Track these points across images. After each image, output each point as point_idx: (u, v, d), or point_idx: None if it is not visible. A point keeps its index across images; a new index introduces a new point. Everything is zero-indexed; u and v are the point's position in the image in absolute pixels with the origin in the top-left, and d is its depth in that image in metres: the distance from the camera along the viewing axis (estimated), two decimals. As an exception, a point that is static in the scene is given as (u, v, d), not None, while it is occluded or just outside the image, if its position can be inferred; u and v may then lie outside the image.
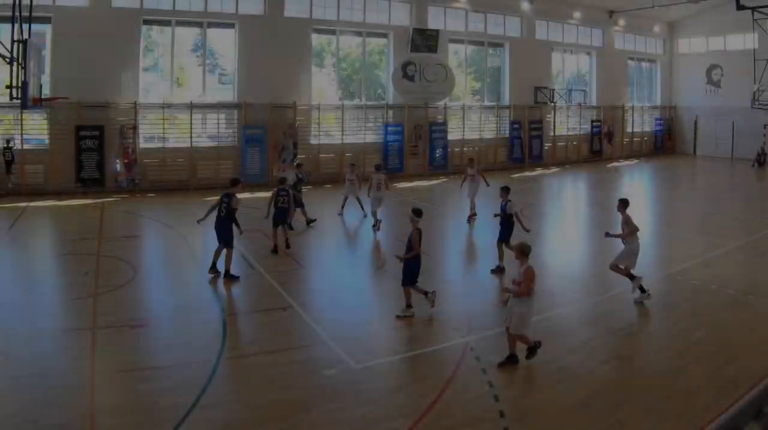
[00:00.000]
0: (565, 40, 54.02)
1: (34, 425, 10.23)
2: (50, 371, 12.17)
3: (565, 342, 14.23)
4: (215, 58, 41.14)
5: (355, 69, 45.56)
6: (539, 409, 11.22)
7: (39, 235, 26.13)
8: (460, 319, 15.70)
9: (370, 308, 17.19)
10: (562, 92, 53.15)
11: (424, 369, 12.96)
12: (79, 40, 34.03)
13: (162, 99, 37.42)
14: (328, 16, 42.11)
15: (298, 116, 40.27)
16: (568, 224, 30.32)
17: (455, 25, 47.55)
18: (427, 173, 44.78)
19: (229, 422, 10.66)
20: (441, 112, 46.51)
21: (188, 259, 21.83)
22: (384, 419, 10.80)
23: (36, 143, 34.90)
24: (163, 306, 16.82)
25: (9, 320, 14.99)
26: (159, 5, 36.80)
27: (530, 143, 51.02)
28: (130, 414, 10.79)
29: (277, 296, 17.32)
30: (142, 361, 13.12)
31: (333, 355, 13.40)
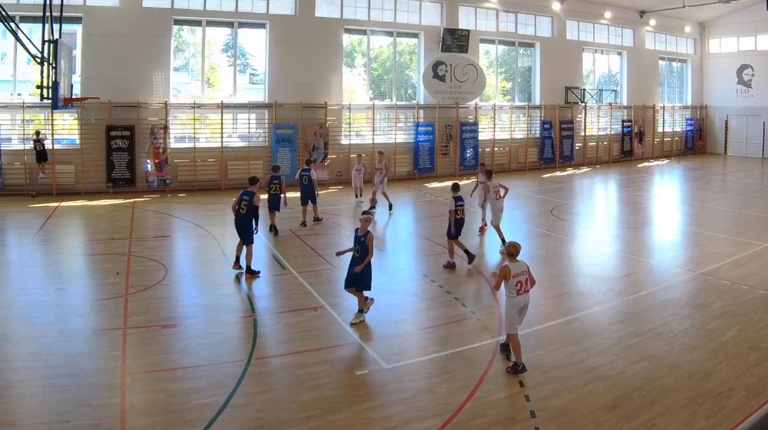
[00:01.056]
0: (596, 40, 52.97)
1: (66, 425, 10.10)
2: (81, 371, 12.02)
3: (596, 342, 13.98)
4: (246, 58, 40.59)
5: (386, 69, 44.57)
6: (570, 409, 10.97)
7: (70, 235, 25.60)
8: (491, 319, 15.38)
9: (400, 308, 16.72)
10: (593, 92, 52.17)
11: (455, 369, 12.62)
12: (110, 40, 33.80)
13: (193, 99, 36.88)
14: (359, 16, 41.46)
15: (328, 116, 39.58)
16: (598, 223, 29.53)
17: (486, 25, 46.66)
18: (457, 173, 43.50)
19: (260, 421, 10.50)
20: (472, 112, 45.58)
21: (219, 259, 21.22)
22: (415, 420, 10.63)
23: (67, 143, 34.52)
24: (194, 306, 16.48)
25: (40, 320, 14.77)
26: (190, 5, 36.36)
27: (561, 143, 50.03)
28: (161, 414, 10.63)
29: (308, 296, 17.03)
30: (173, 361, 12.90)
31: (364, 355, 13.30)
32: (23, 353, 12.95)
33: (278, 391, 11.60)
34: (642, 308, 16.27)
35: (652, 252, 23.23)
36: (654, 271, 20.15)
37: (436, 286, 18.07)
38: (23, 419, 10.39)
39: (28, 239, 23.56)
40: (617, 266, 21.30)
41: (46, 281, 18.39)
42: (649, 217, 30.84)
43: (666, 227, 27.81)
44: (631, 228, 27.30)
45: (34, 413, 10.53)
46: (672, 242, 24.89)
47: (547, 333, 14.54)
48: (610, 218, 31.41)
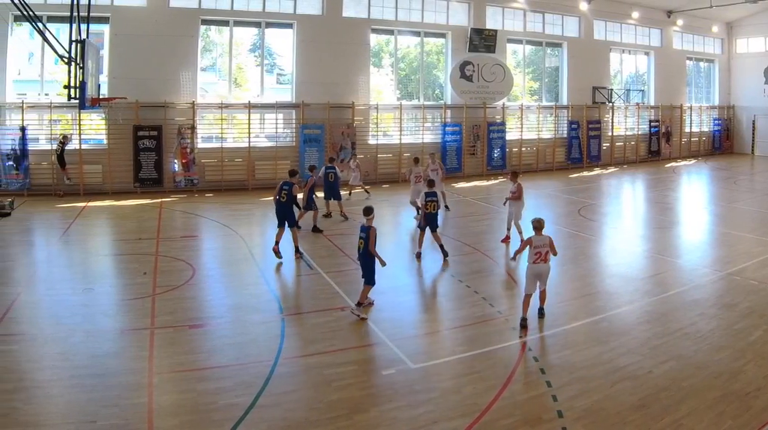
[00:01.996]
0: (624, 40, 51.95)
1: (93, 425, 10.05)
2: (109, 371, 11.95)
3: (623, 342, 13.79)
4: (273, 58, 39.97)
5: (413, 69, 43.73)
6: (597, 409, 10.83)
7: (97, 235, 25.31)
8: (518, 319, 14.93)
9: (428, 308, 16.82)
10: (620, 92, 51.26)
11: (482, 369, 12.47)
12: (137, 40, 33.33)
13: (220, 99, 36.42)
14: (386, 16, 40.67)
15: (356, 116, 38.95)
16: (626, 223, 29.00)
17: (513, 25, 45.59)
18: (485, 173, 43.23)
19: (288, 421, 10.41)
20: (499, 112, 44.60)
21: (246, 259, 21.05)
22: (442, 419, 10.51)
23: (94, 143, 34.14)
24: (221, 306, 16.33)
25: (68, 320, 14.68)
26: (217, 5, 35.85)
27: (588, 143, 48.94)
28: (188, 414, 10.57)
29: (335, 296, 16.87)
30: (201, 361, 12.80)
31: (391, 355, 13.08)
32: (51, 353, 12.85)
33: (305, 391, 11.51)
34: (669, 308, 16.07)
35: (679, 252, 22.93)
36: (681, 271, 19.87)
37: (463, 286, 17.80)
38: (51, 418, 10.28)
39: (55, 239, 23.35)
40: (645, 265, 20.89)
41: (74, 281, 18.18)
42: (677, 217, 30.47)
43: (693, 227, 27.44)
44: (658, 228, 26.92)
45: (62, 412, 10.45)
46: (699, 242, 24.55)
47: (574, 333, 14.38)
48: (638, 218, 30.98)
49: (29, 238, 24.42)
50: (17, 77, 33.21)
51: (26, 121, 31.86)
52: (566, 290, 17.51)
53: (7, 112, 31.89)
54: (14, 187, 31.30)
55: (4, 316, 14.76)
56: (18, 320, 14.65)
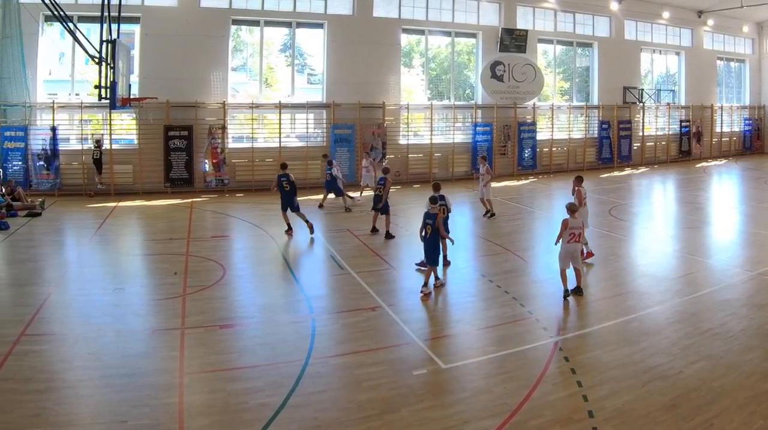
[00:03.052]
0: (654, 40, 50.78)
1: (124, 425, 9.92)
2: (139, 371, 11.79)
3: (654, 342, 13.44)
4: (304, 58, 39.34)
5: (444, 69, 42.79)
6: (628, 409, 10.56)
7: (127, 235, 25.07)
8: (549, 319, 14.91)
9: (459, 308, 16.20)
10: (651, 92, 50.22)
11: (512, 369, 12.19)
12: (168, 40, 32.95)
13: (251, 99, 35.97)
14: (417, 16, 39.92)
15: (386, 116, 38.26)
16: (656, 223, 28.30)
17: (544, 25, 44.73)
18: (516, 173, 42.46)
19: (318, 421, 10.22)
20: (530, 112, 43.69)
21: (277, 259, 20.79)
22: (473, 419, 10.28)
23: (125, 143, 33.87)
24: (252, 306, 16.04)
25: (98, 320, 14.50)
26: (248, 5, 35.42)
27: (619, 143, 47.95)
28: (219, 414, 10.40)
29: (366, 296, 16.50)
30: (231, 361, 12.58)
31: (422, 355, 12.81)
32: (82, 353, 12.67)
33: (336, 391, 11.30)
34: (700, 308, 15.73)
35: (710, 252, 22.40)
36: (712, 271, 19.41)
37: (494, 286, 17.40)
38: (82, 419, 10.15)
39: (86, 239, 23.09)
40: (675, 265, 20.40)
41: (105, 281, 17.94)
42: (707, 217, 29.76)
43: (724, 227, 26.70)
44: (689, 228, 26.38)
45: (93, 413, 10.33)
46: (730, 242, 23.91)
47: (605, 333, 14.09)
48: (668, 217, 30.29)
49: (60, 238, 24.21)
50: (48, 77, 33.07)
51: (57, 121, 31.63)
52: (597, 289, 17.22)
53: (38, 112, 31.63)
54: (45, 187, 31.09)
55: (35, 316, 14.55)
56: (49, 320, 14.41)
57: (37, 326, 13.94)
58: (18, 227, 24.33)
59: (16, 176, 30.16)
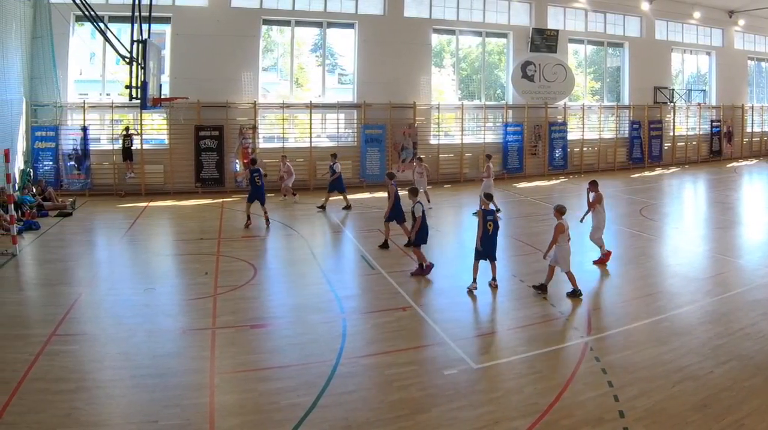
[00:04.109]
0: (685, 40, 49.44)
1: (155, 425, 9.81)
2: (170, 371, 11.68)
3: (684, 342, 13.24)
4: (335, 58, 38.61)
5: (475, 69, 41.68)
6: (659, 409, 10.39)
7: (158, 235, 24.88)
8: (580, 319, 14.76)
9: (489, 308, 16.08)
10: (682, 92, 48.90)
11: (543, 369, 12.04)
12: (199, 40, 32.47)
13: (281, 99, 35.36)
14: (448, 16, 38.96)
15: (417, 116, 37.42)
16: (687, 223, 27.77)
17: (575, 25, 43.59)
18: (546, 173, 41.38)
19: (349, 421, 10.08)
20: (560, 112, 42.57)
21: (308, 259, 20.43)
22: (503, 419, 10.17)
23: (156, 143, 33.44)
24: (282, 306, 15.89)
25: (129, 320, 14.38)
26: (279, 5, 34.78)
27: (650, 143, 46.72)
28: (250, 414, 10.26)
29: (396, 296, 16.34)
30: (262, 361, 12.47)
31: (452, 355, 12.61)
32: (112, 353, 12.57)
33: (367, 391, 11.16)
34: (731, 308, 15.44)
35: (741, 252, 21.86)
36: (743, 271, 19.02)
37: (525, 286, 17.11)
38: (112, 419, 10.10)
39: (117, 239, 22.84)
40: (706, 266, 20.07)
41: (135, 281, 17.93)
42: (738, 217, 29.07)
43: (755, 227, 26.08)
44: (719, 228, 25.83)
45: (124, 413, 10.26)
46: (761, 242, 23.33)
47: (636, 333, 13.86)
48: (699, 218, 29.67)
49: (91, 238, 23.97)
50: (79, 77, 32.73)
51: (88, 121, 31.26)
52: (628, 290, 17.09)
53: (69, 112, 31.25)
54: (76, 187, 30.78)
55: (65, 316, 14.40)
56: (79, 320, 14.26)
57: (67, 326, 13.78)
58: (49, 227, 24.08)
59: (46, 176, 29.84)
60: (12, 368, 11.49)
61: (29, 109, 29.79)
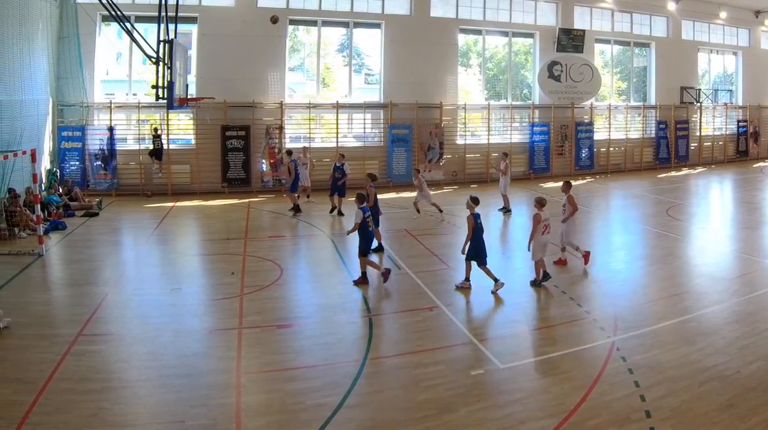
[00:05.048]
0: (711, 40, 48.20)
1: (181, 425, 9.72)
2: (197, 371, 11.57)
3: (711, 342, 13.03)
4: (361, 58, 37.83)
5: (501, 69, 40.77)
6: (685, 409, 10.26)
7: (185, 235, 24.55)
8: (606, 319, 14.46)
9: (516, 308, 15.66)
10: (708, 92, 47.77)
11: (569, 369, 11.86)
12: (225, 40, 31.93)
13: (308, 99, 34.60)
14: (474, 16, 38.01)
15: (444, 116, 36.57)
16: (714, 223, 27.19)
17: (601, 25, 42.50)
18: (573, 173, 39.83)
19: (375, 421, 10.00)
20: (587, 112, 41.50)
21: (334, 259, 20.14)
22: (530, 419, 10.04)
23: (182, 143, 32.89)
24: (309, 306, 15.69)
25: (156, 320, 14.26)
26: (305, 5, 34.05)
27: (676, 143, 45.54)
28: (276, 414, 10.16)
29: (423, 297, 16.10)
30: (288, 361, 12.34)
31: (479, 355, 12.51)
32: (139, 353, 12.47)
33: (394, 391, 11.05)
34: (758, 308, 15.15)
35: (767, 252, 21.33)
36: None
37: (551, 286, 16.87)
38: (139, 419, 9.99)
39: (143, 239, 22.57)
40: (733, 266, 19.64)
41: (162, 281, 17.74)
42: (765, 217, 28.49)
43: None
44: (746, 228, 25.26)
45: (150, 413, 10.16)
46: None
47: (662, 333, 13.62)
48: (726, 217, 29.07)
49: (117, 238, 23.61)
50: (105, 77, 32.27)
51: (114, 121, 30.76)
52: (654, 289, 16.78)
53: (95, 112, 30.76)
54: (102, 187, 30.31)
55: (92, 316, 14.27)
56: (106, 320, 14.16)
57: (94, 326, 13.67)
58: (75, 227, 23.81)
59: (73, 176, 29.33)
60: (38, 368, 11.36)
61: (56, 109, 29.31)
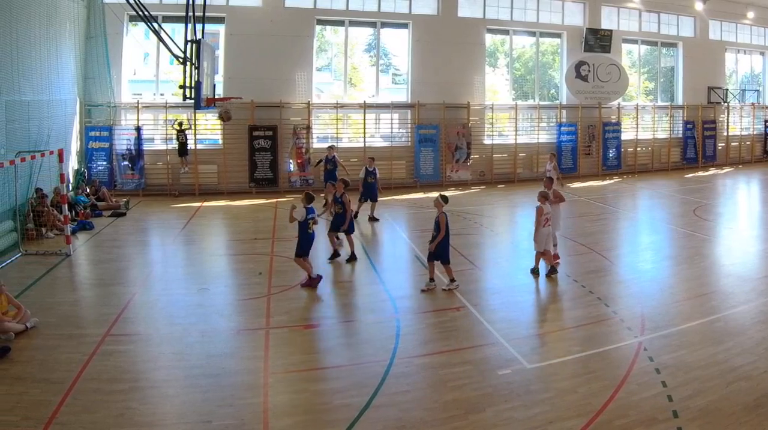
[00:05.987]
0: (739, 40, 47.00)
1: (208, 425, 9.60)
2: (224, 371, 11.40)
3: (739, 342, 12.68)
4: (388, 58, 37.10)
5: (529, 69, 39.82)
6: (712, 409, 9.98)
7: (212, 235, 24.24)
8: (633, 319, 14.09)
9: (543, 308, 15.79)
10: (735, 92, 46.57)
11: (597, 369, 11.62)
12: (253, 40, 31.43)
13: (335, 99, 33.98)
14: (502, 16, 37.11)
15: (471, 116, 35.66)
16: (741, 223, 26.44)
17: (629, 25, 41.47)
18: (600, 173, 39.25)
19: (402, 422, 9.78)
20: (614, 112, 40.60)
21: (361, 259, 19.42)
22: (557, 420, 9.78)
23: (209, 143, 32.51)
24: (336, 306, 15.55)
25: (183, 320, 14.03)
26: (333, 5, 33.35)
27: (704, 143, 44.48)
28: (303, 414, 10.03)
29: (450, 296, 15.75)
30: (316, 361, 12.29)
31: (506, 355, 12.24)
32: (166, 353, 12.30)
33: (421, 391, 10.88)
34: None
35: None
36: None
37: (578, 286, 16.60)
38: (166, 418, 9.82)
39: (170, 239, 22.40)
40: (760, 265, 19.00)
41: (189, 281, 17.53)
42: None
43: None
44: None
45: (177, 412, 10.01)
46: None
47: (689, 333, 13.30)
48: (753, 217, 28.25)
49: (144, 238, 23.32)
50: (133, 77, 31.93)
51: (141, 121, 30.29)
52: (681, 290, 16.35)
53: (122, 112, 30.37)
54: (129, 187, 29.90)
55: (119, 316, 14.13)
56: (133, 320, 13.98)
57: (121, 326, 13.54)
58: (102, 227, 23.57)
59: (100, 176, 28.95)
60: (66, 368, 11.26)
61: (83, 109, 28.95)
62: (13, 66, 21.40)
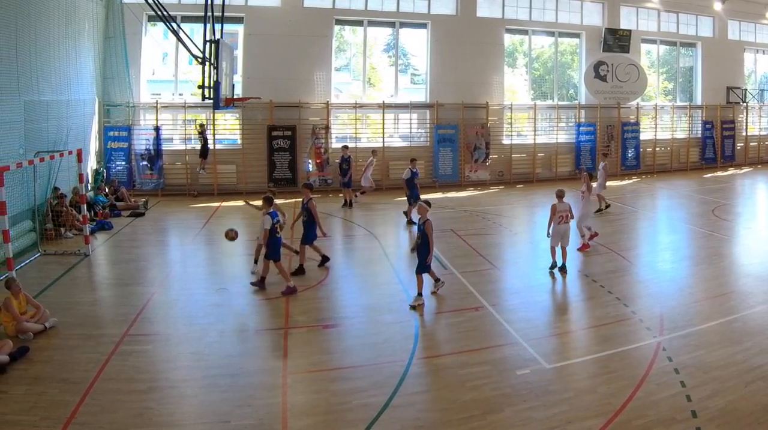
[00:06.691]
0: (758, 40, 46.05)
1: (227, 425, 9.57)
2: (242, 371, 11.40)
3: (757, 342, 12.56)
4: (407, 58, 36.43)
5: (548, 69, 39.05)
6: (731, 409, 9.86)
7: None
8: (652, 319, 13.98)
9: (562, 308, 15.67)
10: (754, 92, 45.62)
11: (616, 369, 11.55)
12: (271, 40, 31.06)
13: (354, 99, 33.48)
14: (521, 16, 36.46)
15: (490, 116, 35.11)
16: (760, 223, 26.08)
17: (647, 25, 40.63)
18: (619, 173, 38.45)
19: (421, 421, 9.76)
20: (633, 112, 39.85)
21: (380, 259, 19.61)
22: (576, 419, 9.71)
23: (228, 143, 32.15)
24: (355, 306, 15.36)
25: (201, 320, 14.00)
26: (351, 5, 32.89)
27: (722, 143, 43.61)
28: (322, 414, 9.98)
29: (469, 297, 15.74)
30: (334, 361, 12.13)
31: (525, 355, 12.18)
32: (185, 353, 12.30)
33: (439, 391, 10.84)
34: None
35: None
36: None
37: (597, 286, 16.51)
38: (185, 418, 9.86)
39: (189, 239, 22.29)
40: None
41: (208, 281, 17.40)
42: None
43: None
44: None
45: (196, 412, 10.05)
46: None
47: (708, 333, 13.25)
48: None
49: (163, 238, 23.30)
50: (151, 77, 31.63)
51: (160, 121, 30.08)
52: (700, 290, 16.21)
53: (141, 112, 30.12)
54: (148, 187, 29.67)
55: (138, 316, 14.11)
56: (152, 320, 13.96)
57: (140, 326, 13.53)
58: (121, 227, 23.46)
59: (119, 176, 28.80)
60: (85, 368, 11.23)
61: (102, 109, 28.66)
62: (32, 66, 21.02)
